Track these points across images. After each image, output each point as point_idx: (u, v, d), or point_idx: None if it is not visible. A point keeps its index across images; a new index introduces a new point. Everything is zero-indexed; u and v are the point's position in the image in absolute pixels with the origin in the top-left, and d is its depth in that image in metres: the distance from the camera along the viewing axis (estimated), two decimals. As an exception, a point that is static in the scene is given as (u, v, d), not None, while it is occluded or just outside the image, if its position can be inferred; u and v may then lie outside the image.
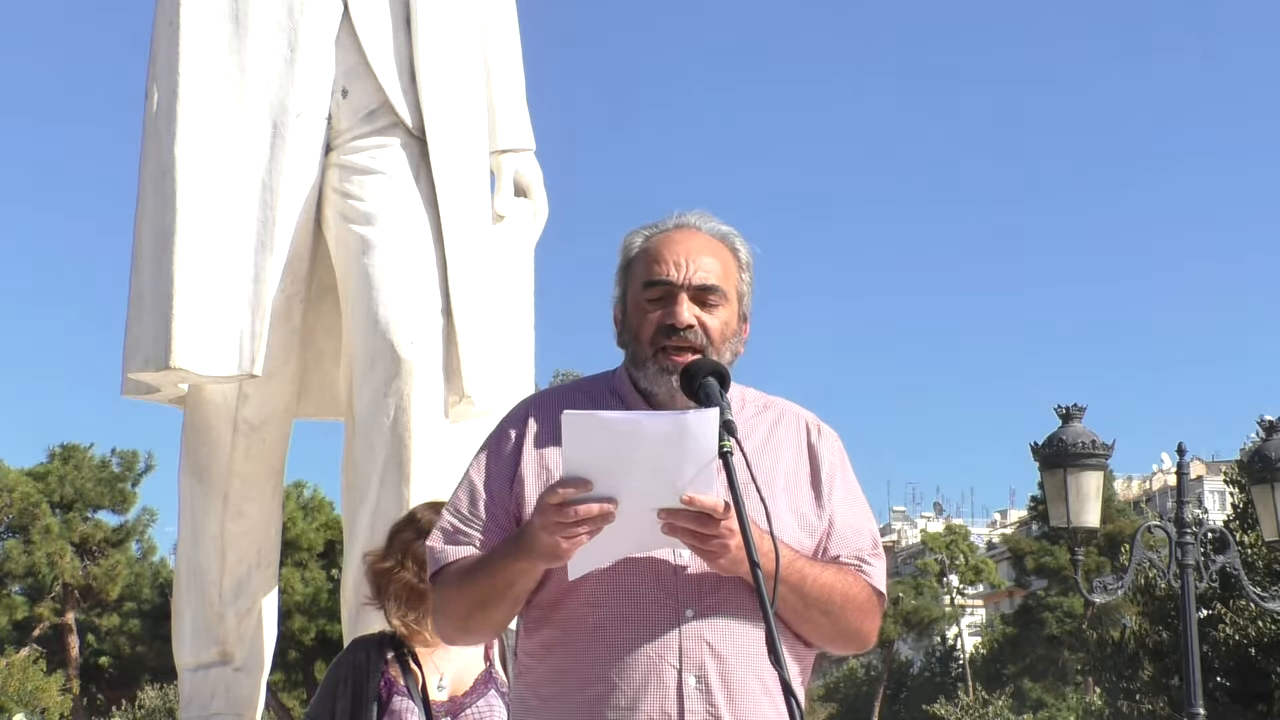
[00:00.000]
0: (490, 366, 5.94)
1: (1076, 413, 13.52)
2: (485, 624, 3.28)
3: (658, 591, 3.16)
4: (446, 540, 3.28)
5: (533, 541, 3.05)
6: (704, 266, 3.26)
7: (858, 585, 3.30)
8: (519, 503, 3.24)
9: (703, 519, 3.00)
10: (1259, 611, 28.87)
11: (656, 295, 3.25)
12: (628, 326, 3.30)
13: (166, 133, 5.77)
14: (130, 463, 45.76)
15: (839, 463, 3.39)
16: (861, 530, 3.36)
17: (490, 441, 3.36)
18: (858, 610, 3.29)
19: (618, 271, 3.36)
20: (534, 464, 3.26)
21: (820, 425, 3.43)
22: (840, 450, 3.42)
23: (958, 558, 68.40)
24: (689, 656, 3.14)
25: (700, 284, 3.24)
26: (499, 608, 3.20)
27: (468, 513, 3.28)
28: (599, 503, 2.98)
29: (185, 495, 6.05)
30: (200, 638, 5.99)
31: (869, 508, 3.43)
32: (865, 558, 3.34)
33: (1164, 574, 14.46)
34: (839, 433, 3.46)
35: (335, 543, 37.88)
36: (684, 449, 2.97)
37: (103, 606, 45.56)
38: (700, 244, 3.30)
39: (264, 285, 5.71)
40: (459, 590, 3.22)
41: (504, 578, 3.14)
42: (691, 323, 3.23)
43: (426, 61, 5.97)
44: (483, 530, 3.25)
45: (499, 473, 3.28)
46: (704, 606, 3.16)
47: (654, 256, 3.27)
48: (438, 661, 4.53)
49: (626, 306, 3.32)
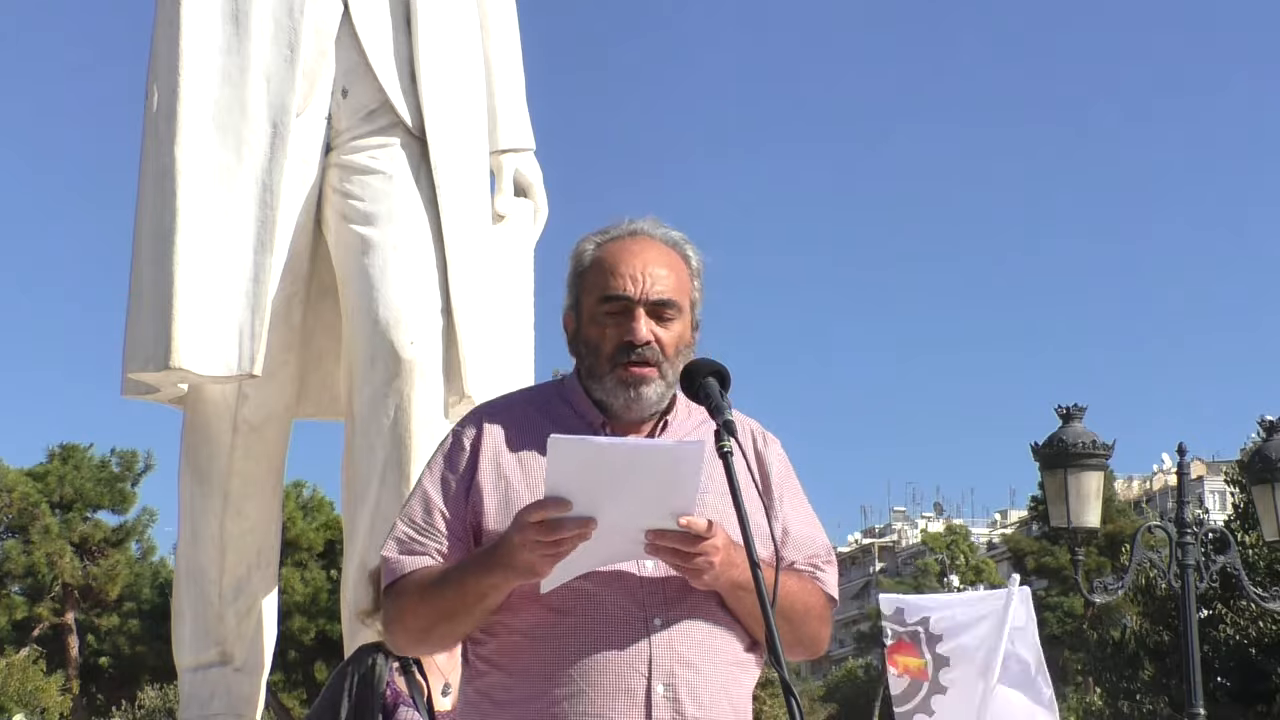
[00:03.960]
0: (490, 366, 5.93)
1: (1076, 413, 13.52)
2: (447, 636, 3.27)
3: (625, 600, 3.16)
4: (402, 550, 3.26)
5: (509, 558, 3.05)
6: (659, 280, 3.25)
7: (815, 593, 3.34)
8: (476, 513, 3.24)
9: (689, 539, 3.03)
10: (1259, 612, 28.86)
11: (613, 310, 3.25)
12: (582, 338, 3.29)
13: (166, 133, 5.76)
14: (130, 463, 45.69)
15: (785, 471, 3.42)
16: (815, 538, 3.40)
17: (443, 451, 3.34)
18: (815, 618, 3.33)
19: (569, 279, 3.35)
20: (491, 474, 3.25)
21: (765, 433, 3.45)
22: (785, 458, 3.44)
23: (958, 558, 68.42)
24: (658, 665, 3.14)
25: (657, 299, 3.25)
26: (466, 620, 3.19)
27: (422, 523, 3.26)
28: (579, 522, 2.99)
29: (185, 495, 6.04)
30: (200, 638, 5.98)
31: (816, 516, 3.45)
32: (819, 564, 3.38)
33: (1164, 574, 14.46)
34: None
35: (335, 543, 37.85)
36: (668, 479, 3.00)
37: (102, 606, 45.50)
38: (655, 255, 3.29)
39: (264, 285, 5.71)
40: (420, 602, 3.20)
41: (476, 590, 3.13)
42: (649, 339, 3.23)
43: (427, 61, 5.96)
44: (438, 541, 3.24)
45: (454, 483, 3.27)
46: (671, 615, 3.17)
47: (609, 269, 3.26)
48: (443, 669, 4.50)
49: (581, 317, 3.31)
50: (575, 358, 3.35)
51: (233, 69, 5.82)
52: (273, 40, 5.86)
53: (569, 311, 3.35)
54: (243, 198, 5.74)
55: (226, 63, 5.83)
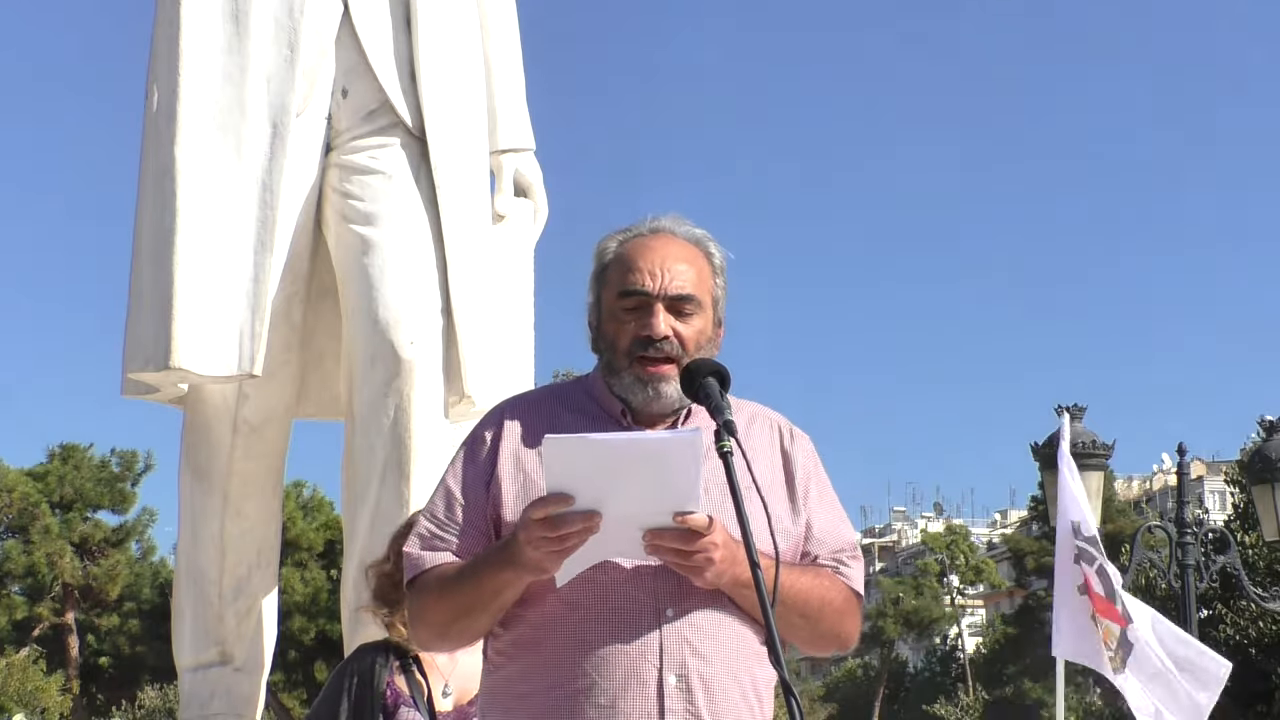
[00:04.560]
0: (490, 367, 5.94)
1: (1076, 413, 13.52)
2: (466, 631, 3.28)
3: (637, 591, 3.17)
4: (424, 546, 3.28)
5: (517, 556, 3.06)
6: (679, 275, 3.26)
7: (835, 588, 3.32)
8: (496, 507, 3.25)
9: (688, 537, 3.03)
10: (1259, 612, 28.88)
11: (632, 305, 3.26)
12: (603, 334, 3.31)
13: (166, 133, 5.76)
14: (130, 463, 45.71)
15: (813, 467, 3.42)
16: (839, 532, 3.39)
17: (466, 447, 3.35)
18: (835, 613, 3.31)
19: (592, 277, 3.36)
20: (511, 468, 3.27)
21: (793, 429, 3.45)
22: (814, 454, 3.44)
23: (958, 558, 68.38)
24: (670, 656, 3.15)
25: (676, 294, 3.25)
26: (483, 616, 3.20)
27: (444, 518, 3.28)
28: (583, 517, 2.99)
29: (185, 495, 6.04)
30: (200, 638, 5.98)
31: (844, 511, 3.45)
32: (843, 559, 3.37)
33: (1164, 574, 14.48)
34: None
35: (335, 543, 37.86)
36: (667, 470, 2.99)
37: (103, 606, 45.51)
38: (675, 250, 3.30)
39: (264, 285, 5.71)
40: (440, 597, 3.21)
41: (491, 587, 3.14)
42: (667, 334, 3.24)
43: (427, 61, 5.96)
44: (460, 536, 3.26)
45: (475, 478, 3.28)
46: (683, 606, 3.17)
47: (629, 265, 3.28)
48: (443, 669, 4.50)
49: (601, 313, 3.32)
50: (596, 354, 3.36)
51: (233, 69, 5.82)
52: (273, 40, 5.86)
53: (591, 309, 3.36)
54: (243, 198, 5.74)
55: (226, 63, 5.83)
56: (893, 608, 66.24)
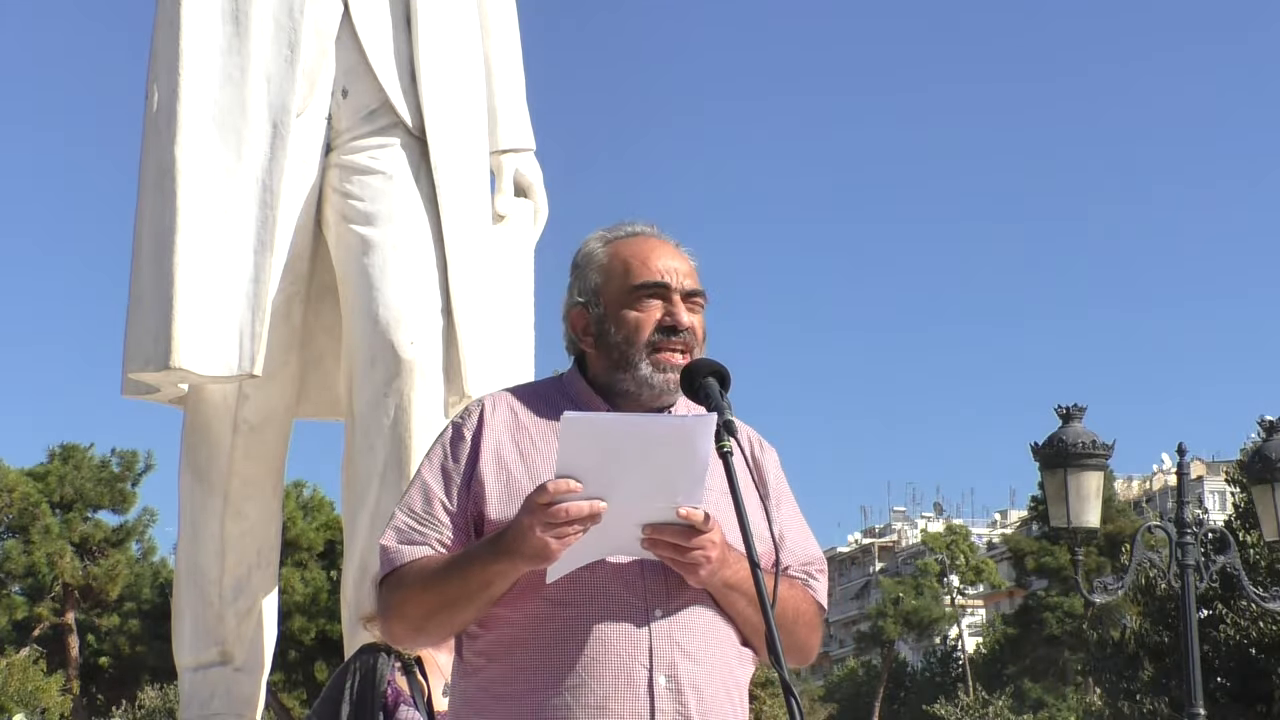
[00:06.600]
0: (490, 367, 5.94)
1: (1076, 413, 13.52)
2: (445, 625, 3.25)
3: (625, 591, 3.16)
4: (401, 540, 3.25)
5: (519, 542, 3.04)
6: (688, 271, 3.35)
7: (806, 600, 3.35)
8: (478, 504, 3.23)
9: (687, 534, 3.04)
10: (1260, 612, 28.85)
11: (650, 296, 3.29)
12: (609, 330, 3.30)
13: (166, 133, 5.77)
14: (130, 463, 45.72)
15: (781, 477, 3.45)
16: (808, 546, 3.43)
17: (443, 443, 3.34)
18: (805, 625, 3.34)
19: (580, 275, 3.37)
20: (492, 464, 3.25)
21: (762, 440, 3.48)
22: (779, 466, 3.48)
23: (958, 558, 68.43)
24: (660, 657, 3.15)
25: (692, 288, 3.33)
26: (468, 608, 3.17)
27: (422, 513, 3.26)
28: (589, 502, 2.99)
29: (185, 495, 6.05)
30: (200, 638, 5.98)
31: (808, 526, 3.48)
32: (812, 572, 3.40)
33: (1164, 574, 14.46)
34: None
35: (335, 543, 37.86)
36: (680, 454, 3.00)
37: (103, 606, 45.54)
38: (674, 250, 3.38)
39: (264, 285, 5.71)
40: (422, 591, 3.18)
41: (480, 579, 3.12)
42: (691, 324, 3.30)
43: (427, 61, 5.97)
44: (438, 531, 3.23)
45: (454, 473, 3.27)
46: (671, 607, 3.17)
47: (642, 260, 3.32)
48: (443, 670, 4.49)
49: (603, 311, 3.32)
50: (586, 352, 3.36)
51: (233, 69, 5.83)
52: (273, 40, 5.86)
53: (578, 310, 3.35)
54: (243, 198, 5.74)
55: (226, 63, 5.83)
56: (893, 608, 66.29)
